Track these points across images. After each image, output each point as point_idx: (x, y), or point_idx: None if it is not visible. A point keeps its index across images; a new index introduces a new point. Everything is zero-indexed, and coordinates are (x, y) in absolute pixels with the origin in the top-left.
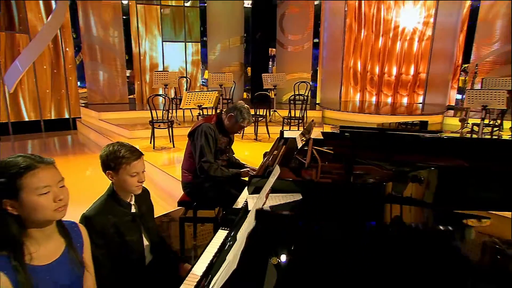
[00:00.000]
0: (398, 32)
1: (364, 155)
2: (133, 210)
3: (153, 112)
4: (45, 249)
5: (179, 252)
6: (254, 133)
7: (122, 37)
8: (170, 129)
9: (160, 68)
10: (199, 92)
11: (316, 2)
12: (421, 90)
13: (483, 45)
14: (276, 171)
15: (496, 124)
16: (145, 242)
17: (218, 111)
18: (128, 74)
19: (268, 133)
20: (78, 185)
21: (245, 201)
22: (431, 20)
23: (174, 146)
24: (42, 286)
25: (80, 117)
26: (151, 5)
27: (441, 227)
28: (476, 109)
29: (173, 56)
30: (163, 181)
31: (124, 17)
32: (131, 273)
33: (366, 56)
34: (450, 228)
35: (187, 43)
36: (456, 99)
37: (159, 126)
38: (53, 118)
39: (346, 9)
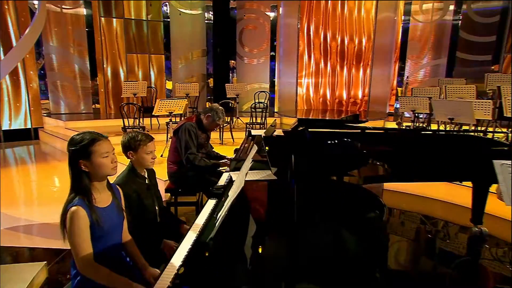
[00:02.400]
0: (345, 56)
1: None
2: (147, 181)
3: (124, 119)
4: (102, 196)
5: None
6: (219, 138)
7: (86, 48)
8: None
9: (122, 79)
10: (171, 100)
11: (271, 18)
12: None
13: (414, 60)
14: (254, 148)
15: (424, 126)
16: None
17: (183, 118)
18: (91, 85)
19: (232, 137)
20: (46, 190)
21: (227, 178)
22: (371, 43)
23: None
24: (103, 221)
25: (42, 127)
26: (115, 18)
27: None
28: (410, 114)
29: (137, 67)
30: None
31: (87, 29)
32: (148, 227)
33: (318, 80)
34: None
35: (150, 55)
36: (395, 107)
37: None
38: (12, 128)
39: (298, 26)
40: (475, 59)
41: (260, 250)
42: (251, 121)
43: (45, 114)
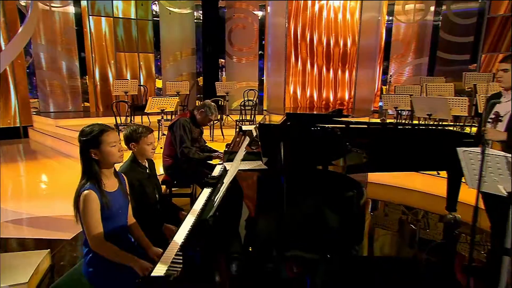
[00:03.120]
0: (331, 57)
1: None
2: (147, 171)
3: (116, 116)
4: (110, 182)
5: None
6: (210, 135)
7: (75, 47)
8: None
9: (112, 78)
10: (162, 98)
11: (259, 17)
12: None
13: (398, 60)
14: (247, 140)
15: (407, 122)
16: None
17: (177, 114)
18: (81, 83)
19: (223, 134)
20: (36, 186)
21: (221, 169)
22: (356, 44)
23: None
24: (112, 204)
25: (31, 125)
26: (104, 17)
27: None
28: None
29: (126, 66)
30: None
31: (76, 28)
32: (150, 212)
33: (304, 80)
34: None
35: (140, 53)
36: (380, 105)
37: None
38: (1, 127)
39: (286, 26)
40: (454, 58)
41: (254, 225)
42: (240, 119)
43: (34, 113)
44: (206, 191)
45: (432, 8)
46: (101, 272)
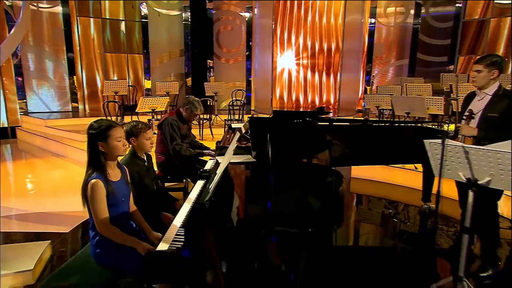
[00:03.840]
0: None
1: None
2: (146, 164)
3: (106, 116)
4: (114, 172)
5: None
6: (199, 134)
7: (63, 47)
8: None
9: (100, 78)
10: (153, 98)
11: (246, 18)
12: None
13: (380, 61)
14: (237, 134)
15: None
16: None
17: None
18: (69, 84)
19: (212, 134)
20: (23, 185)
21: (212, 163)
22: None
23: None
24: (116, 192)
25: (19, 126)
26: (92, 18)
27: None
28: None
29: (115, 66)
30: None
31: (65, 28)
32: (148, 202)
33: (290, 84)
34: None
35: (129, 54)
36: (363, 105)
37: None
38: None
39: (273, 27)
40: (433, 60)
41: (245, 207)
42: (229, 118)
43: (21, 113)
44: (200, 183)
45: (412, 11)
46: (107, 252)
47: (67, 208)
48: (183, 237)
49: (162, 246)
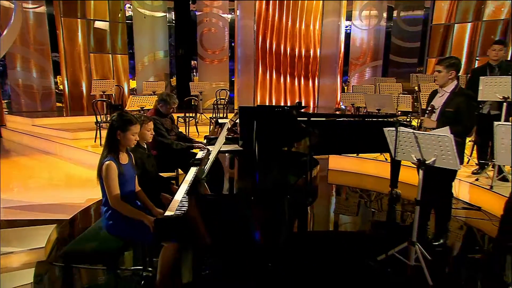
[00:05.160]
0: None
1: None
2: (147, 152)
3: (93, 114)
4: (123, 157)
5: None
6: (185, 131)
7: (48, 47)
8: None
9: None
10: (142, 96)
11: (229, 20)
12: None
13: (357, 62)
14: (227, 124)
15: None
16: None
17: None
18: (54, 84)
19: (198, 131)
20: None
21: (202, 154)
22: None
23: None
24: (125, 173)
25: (4, 125)
26: (78, 19)
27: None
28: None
29: (100, 66)
30: None
31: (49, 28)
32: (149, 184)
33: (271, 86)
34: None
35: (114, 55)
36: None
37: (106, 126)
38: None
39: (255, 29)
40: (404, 61)
41: (235, 183)
42: (214, 116)
43: (6, 112)
44: (193, 169)
45: (385, 15)
46: (118, 223)
47: (64, 200)
48: (186, 204)
49: (168, 214)
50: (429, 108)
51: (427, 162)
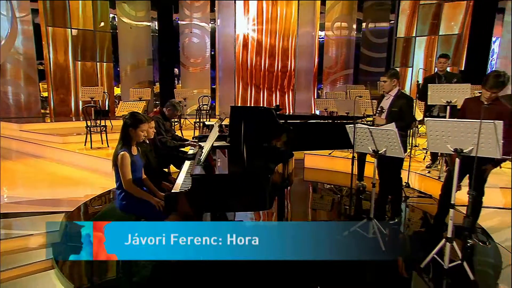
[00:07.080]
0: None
1: None
2: (149, 146)
3: (86, 120)
4: (133, 149)
5: None
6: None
7: (34, 56)
8: (105, 133)
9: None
10: (132, 102)
11: (209, 30)
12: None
13: (330, 71)
14: (217, 123)
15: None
16: None
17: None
18: (40, 91)
19: (182, 135)
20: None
21: (194, 151)
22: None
23: (108, 146)
24: (135, 161)
25: None
26: (63, 28)
27: None
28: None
29: (85, 74)
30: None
31: (36, 37)
32: (152, 174)
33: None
34: None
35: (99, 63)
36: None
37: (96, 130)
38: None
39: (235, 37)
40: (373, 70)
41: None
42: (197, 121)
43: None
44: (188, 162)
45: (354, 26)
46: (131, 203)
47: (64, 195)
48: (188, 184)
49: (175, 191)
50: (379, 109)
51: (379, 152)
